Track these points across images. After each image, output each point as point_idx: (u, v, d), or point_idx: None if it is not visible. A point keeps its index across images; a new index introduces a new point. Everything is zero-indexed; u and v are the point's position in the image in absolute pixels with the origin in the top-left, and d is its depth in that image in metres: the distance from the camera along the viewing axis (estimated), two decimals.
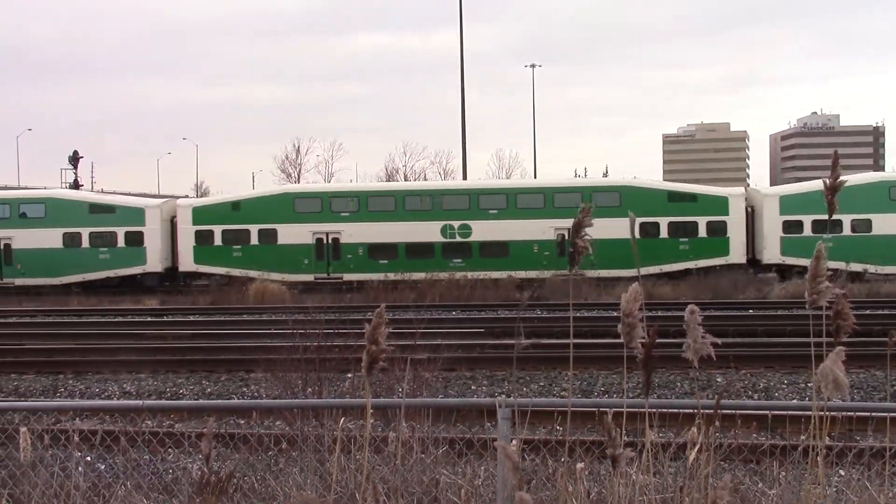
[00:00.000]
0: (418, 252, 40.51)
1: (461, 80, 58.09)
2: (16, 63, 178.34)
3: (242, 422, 12.64)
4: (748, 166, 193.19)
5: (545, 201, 40.24)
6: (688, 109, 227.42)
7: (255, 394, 15.93)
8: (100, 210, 42.69)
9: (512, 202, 40.56)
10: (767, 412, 9.83)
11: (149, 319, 29.03)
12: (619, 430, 4.33)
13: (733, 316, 25.41)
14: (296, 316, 15.44)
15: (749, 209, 40.46)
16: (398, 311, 25.75)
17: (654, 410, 4.98)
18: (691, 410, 5.31)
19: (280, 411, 10.64)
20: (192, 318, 28.87)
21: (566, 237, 38.87)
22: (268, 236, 41.38)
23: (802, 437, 9.60)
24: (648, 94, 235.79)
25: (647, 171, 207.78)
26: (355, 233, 41.08)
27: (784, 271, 38.81)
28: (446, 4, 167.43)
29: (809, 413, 4.96)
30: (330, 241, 41.36)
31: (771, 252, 39.59)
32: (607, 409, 4.83)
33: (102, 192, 69.84)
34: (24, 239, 41.96)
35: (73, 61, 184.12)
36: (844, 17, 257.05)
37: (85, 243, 41.93)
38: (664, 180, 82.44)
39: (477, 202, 40.91)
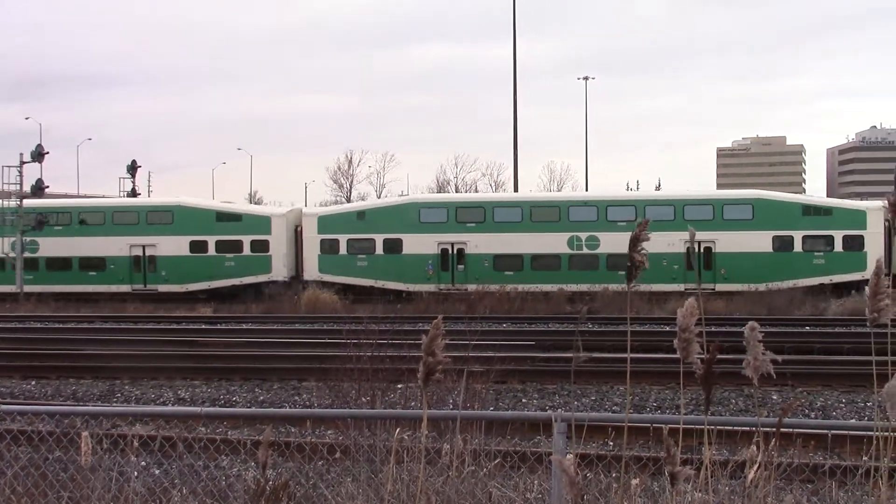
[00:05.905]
0: (544, 263, 40.04)
1: (514, 93, 58.08)
2: (76, 75, 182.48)
3: (294, 430, 12.75)
4: (804, 181, 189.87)
5: (675, 213, 38.85)
6: (744, 123, 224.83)
7: (307, 402, 16.05)
8: (226, 218, 42.70)
9: (641, 214, 39.03)
10: (827, 431, 9.63)
11: (203, 327, 29.45)
12: (677, 447, 4.27)
13: (789, 332, 24.97)
14: (349, 326, 15.50)
15: (886, 223, 38.30)
16: (449, 322, 25.71)
17: (713, 427, 4.90)
18: (751, 428, 5.22)
19: (332, 420, 10.70)
20: (244, 327, 29.21)
21: (696, 249, 38.43)
22: (393, 246, 41.04)
23: (864, 458, 9.40)
24: (704, 109, 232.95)
25: (701, 185, 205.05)
26: (481, 243, 40.49)
27: None
28: (504, 17, 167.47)
29: (872, 433, 4.85)
30: (455, 252, 40.93)
31: None
32: (664, 425, 4.77)
33: None
34: (160, 246, 42.24)
35: (132, 73, 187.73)
36: None
37: (211, 251, 41.98)
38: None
39: (605, 213, 40.11)
